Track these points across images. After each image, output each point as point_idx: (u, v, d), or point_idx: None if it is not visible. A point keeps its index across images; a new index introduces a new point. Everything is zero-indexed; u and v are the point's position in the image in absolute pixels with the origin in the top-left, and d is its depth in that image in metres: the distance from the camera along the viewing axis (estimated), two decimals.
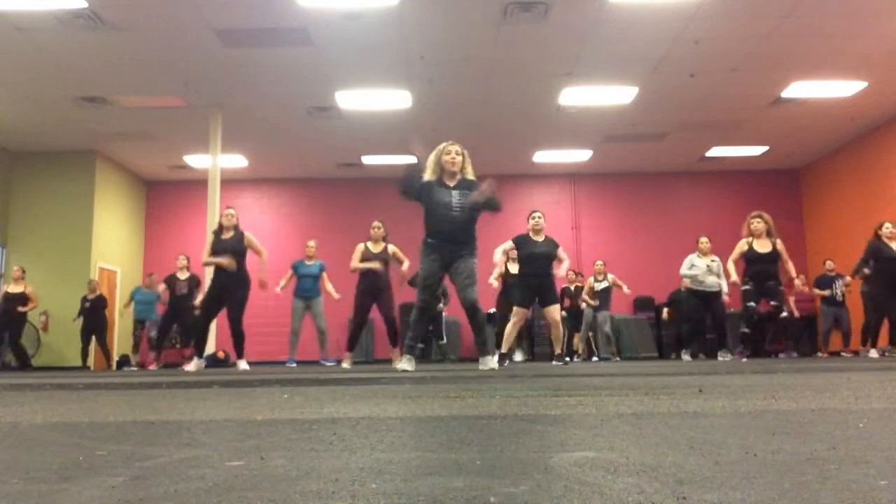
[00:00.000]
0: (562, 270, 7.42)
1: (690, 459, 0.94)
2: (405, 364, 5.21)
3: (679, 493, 0.73)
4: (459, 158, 5.42)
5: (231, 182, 13.18)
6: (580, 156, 13.38)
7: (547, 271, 7.13)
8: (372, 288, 7.88)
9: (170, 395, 2.71)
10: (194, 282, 10.35)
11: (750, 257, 7.83)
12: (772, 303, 7.93)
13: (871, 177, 12.30)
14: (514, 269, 8.97)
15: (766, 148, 13.08)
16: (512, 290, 9.22)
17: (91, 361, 12.23)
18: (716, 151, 13.26)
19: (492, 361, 5.37)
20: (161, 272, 11.82)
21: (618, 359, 10.89)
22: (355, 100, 10.37)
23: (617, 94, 10.33)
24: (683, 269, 8.69)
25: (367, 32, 8.30)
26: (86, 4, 7.52)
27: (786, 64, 9.41)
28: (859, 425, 1.31)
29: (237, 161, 13.16)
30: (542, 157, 13.28)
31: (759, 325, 12.68)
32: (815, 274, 12.39)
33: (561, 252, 7.23)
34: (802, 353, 11.81)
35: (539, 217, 7.29)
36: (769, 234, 7.90)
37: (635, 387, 2.59)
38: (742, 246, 7.95)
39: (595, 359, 10.80)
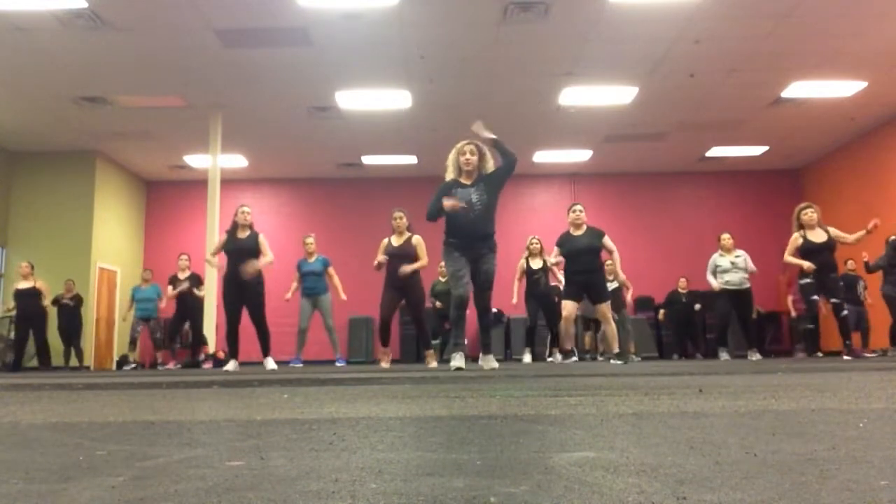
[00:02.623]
0: (617, 265, 7.20)
1: (690, 459, 0.94)
2: (458, 361, 5.21)
3: (679, 493, 0.73)
4: (475, 158, 5.45)
5: (231, 182, 13.18)
6: (580, 156, 13.38)
7: (593, 266, 6.82)
8: (397, 280, 7.29)
9: (170, 395, 2.71)
10: (195, 280, 10.44)
11: (807, 249, 7.34)
12: (832, 300, 7.32)
13: (871, 177, 12.30)
14: (535, 264, 8.96)
15: (766, 148, 13.09)
16: (530, 287, 9.03)
17: (91, 361, 12.25)
18: (716, 151, 13.26)
19: (493, 361, 5.43)
20: (161, 272, 11.82)
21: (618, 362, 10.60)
22: (355, 100, 10.37)
23: (617, 94, 10.33)
24: (709, 275, 8.53)
25: (367, 32, 8.30)
26: (86, 4, 7.52)
27: (786, 64, 9.41)
28: (859, 425, 1.31)
29: (237, 161, 13.16)
30: (542, 157, 13.28)
31: (763, 325, 12.69)
32: None
33: (607, 241, 6.92)
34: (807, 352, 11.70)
35: (580, 211, 6.99)
36: (820, 224, 7.49)
37: (635, 387, 2.59)
38: (796, 240, 7.46)
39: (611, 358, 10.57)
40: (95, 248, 12.55)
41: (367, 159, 13.29)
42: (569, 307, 6.89)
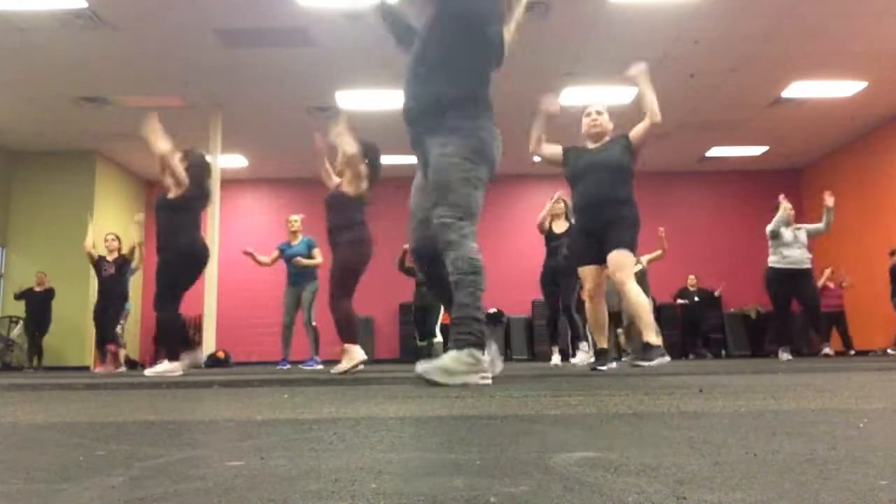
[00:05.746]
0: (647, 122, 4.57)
1: (690, 459, 0.94)
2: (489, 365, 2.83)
3: (679, 493, 0.73)
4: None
5: (231, 182, 13.17)
6: None
7: (615, 194, 4.25)
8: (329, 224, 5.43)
9: (170, 395, 2.71)
10: (125, 265, 9.01)
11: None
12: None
13: (871, 177, 12.31)
14: (559, 227, 7.27)
15: (766, 148, 13.09)
16: (549, 260, 7.15)
17: (91, 361, 12.23)
18: (716, 151, 13.27)
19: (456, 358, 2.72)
20: None
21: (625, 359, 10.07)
22: (355, 100, 10.37)
23: (617, 94, 10.33)
24: (772, 228, 7.03)
25: (367, 32, 8.30)
26: (85, 4, 7.53)
27: (786, 64, 9.41)
28: (859, 425, 1.31)
29: (237, 161, 13.16)
30: None
31: (763, 324, 12.68)
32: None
33: (634, 135, 4.55)
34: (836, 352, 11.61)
35: (598, 114, 4.61)
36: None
37: (635, 387, 2.59)
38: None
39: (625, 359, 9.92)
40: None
41: None
42: (592, 276, 4.27)
